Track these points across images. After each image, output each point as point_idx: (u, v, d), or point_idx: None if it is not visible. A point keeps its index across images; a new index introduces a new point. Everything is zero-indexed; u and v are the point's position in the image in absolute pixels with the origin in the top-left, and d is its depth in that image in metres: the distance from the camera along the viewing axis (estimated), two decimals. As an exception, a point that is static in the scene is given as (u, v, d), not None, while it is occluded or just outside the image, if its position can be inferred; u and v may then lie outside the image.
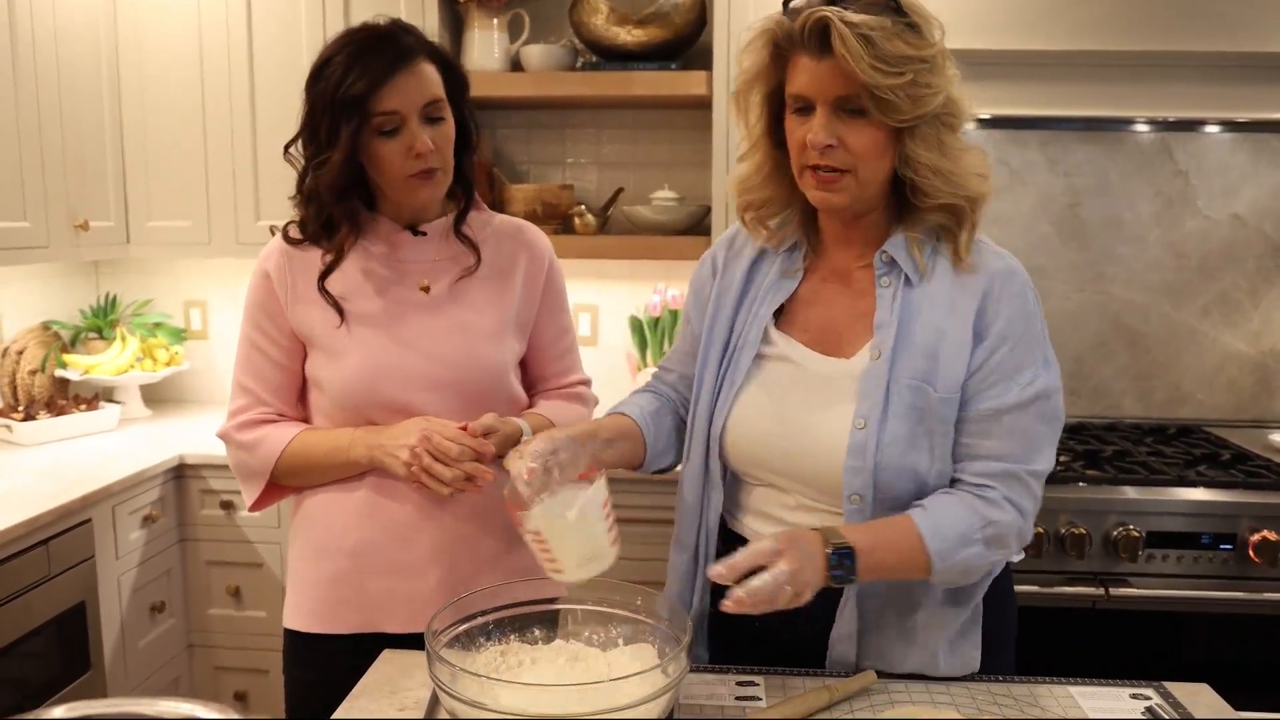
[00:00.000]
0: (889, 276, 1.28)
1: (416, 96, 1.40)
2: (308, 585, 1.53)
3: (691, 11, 2.61)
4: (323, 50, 1.44)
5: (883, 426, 1.23)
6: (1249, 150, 2.75)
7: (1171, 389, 2.84)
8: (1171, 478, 2.27)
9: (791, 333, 1.33)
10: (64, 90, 2.50)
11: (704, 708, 1.19)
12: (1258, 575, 2.16)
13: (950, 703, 1.20)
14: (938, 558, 1.18)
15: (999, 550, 1.23)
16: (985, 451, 1.24)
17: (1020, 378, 1.24)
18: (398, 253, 1.51)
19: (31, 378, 2.78)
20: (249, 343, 1.53)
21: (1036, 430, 1.24)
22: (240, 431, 1.51)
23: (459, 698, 1.03)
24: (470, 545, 1.51)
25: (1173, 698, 1.22)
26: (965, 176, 1.23)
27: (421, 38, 1.46)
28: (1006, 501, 1.22)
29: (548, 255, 1.62)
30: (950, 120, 1.22)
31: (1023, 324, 1.25)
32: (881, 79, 1.15)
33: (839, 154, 1.21)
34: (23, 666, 2.01)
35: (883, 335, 1.25)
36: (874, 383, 1.24)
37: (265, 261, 1.51)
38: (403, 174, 1.43)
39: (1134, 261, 2.81)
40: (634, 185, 2.90)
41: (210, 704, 0.58)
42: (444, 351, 1.49)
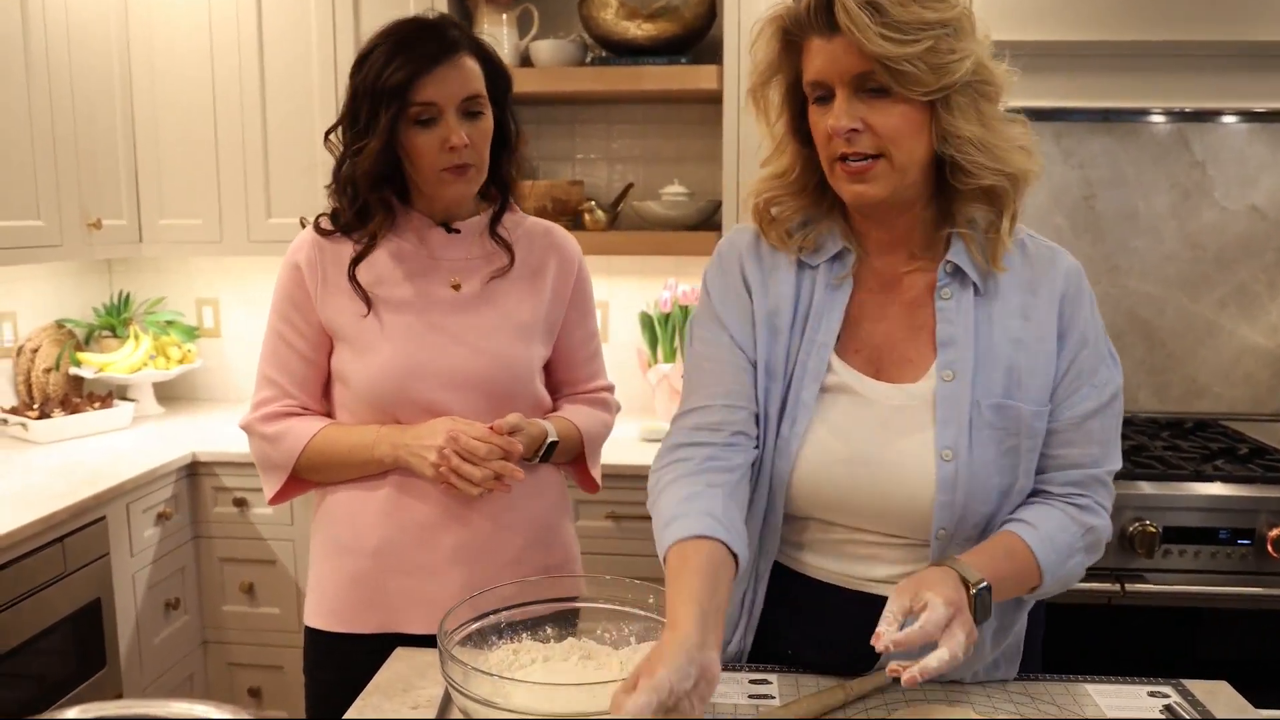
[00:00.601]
0: (951, 287, 1.18)
1: (456, 89, 1.40)
2: (329, 585, 1.53)
3: (701, 5, 2.60)
4: (369, 39, 1.45)
5: (971, 455, 1.14)
6: (1267, 141, 2.72)
7: (1188, 382, 2.82)
8: (1188, 472, 2.25)
9: (846, 356, 1.21)
10: (76, 89, 2.51)
11: (717, 706, 1.18)
12: (1276, 570, 2.13)
13: (967, 702, 1.19)
14: (1048, 573, 1.15)
15: (1095, 556, 1.22)
16: (1071, 460, 1.20)
17: (1097, 379, 1.20)
18: (430, 249, 1.51)
19: (46, 376, 2.79)
20: (276, 335, 1.52)
21: (1113, 430, 1.23)
22: (264, 424, 1.50)
23: (471, 696, 1.02)
24: (492, 546, 1.50)
25: (1191, 695, 1.21)
26: (1009, 150, 1.13)
27: (468, 33, 1.46)
28: (1099, 506, 1.21)
29: (577, 259, 1.62)
30: (985, 89, 1.11)
31: (1095, 322, 1.22)
32: (894, 49, 1.05)
33: (866, 138, 1.10)
34: (40, 663, 2.02)
35: (954, 354, 1.16)
36: (953, 408, 1.15)
37: (296, 253, 1.51)
38: (436, 167, 1.43)
39: (1150, 254, 2.79)
40: (644, 180, 2.90)
41: (223, 705, 0.57)
42: (472, 351, 1.48)
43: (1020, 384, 1.17)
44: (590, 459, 1.64)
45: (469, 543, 1.49)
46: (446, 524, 1.48)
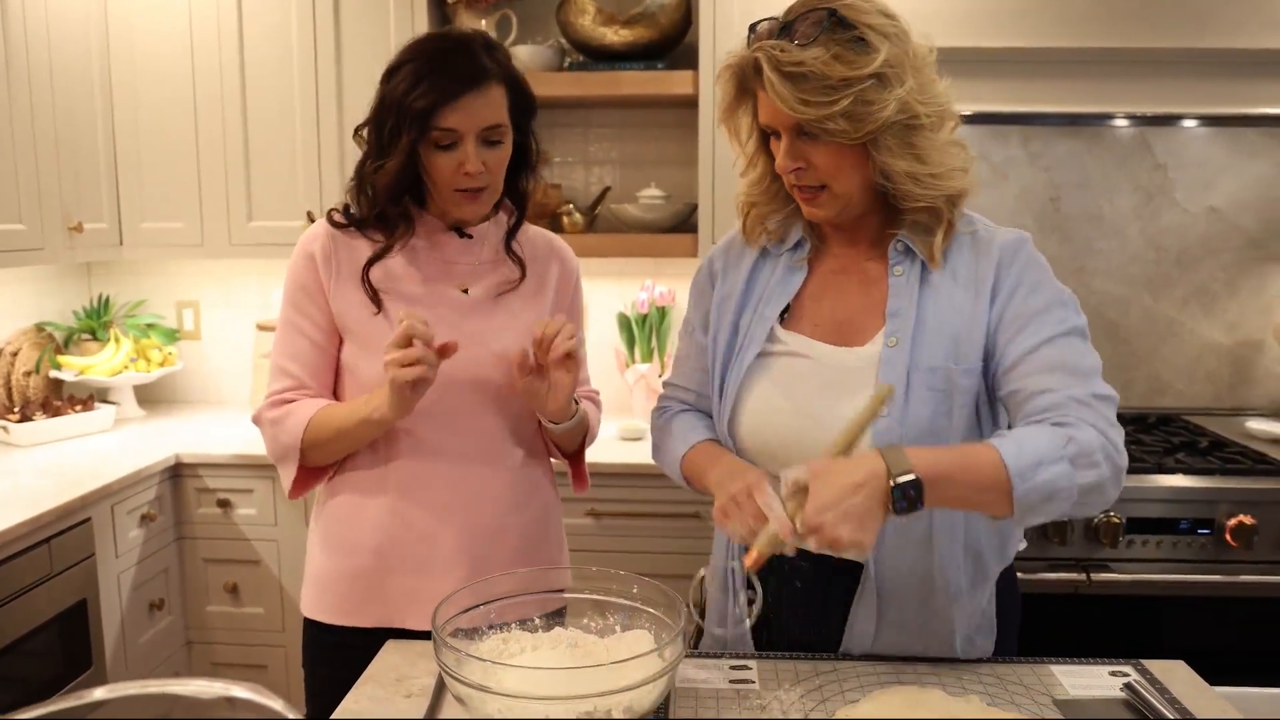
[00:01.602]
0: (904, 265, 1.30)
1: (477, 120, 1.42)
2: (329, 579, 1.55)
3: (677, 12, 2.65)
4: (401, 50, 1.47)
5: (905, 412, 1.24)
6: (1225, 144, 2.81)
7: (1152, 379, 2.90)
8: (1151, 465, 2.32)
9: (800, 328, 1.34)
10: (57, 93, 2.52)
11: (699, 691, 1.23)
12: (1234, 559, 2.22)
13: (938, 683, 1.25)
14: (1018, 477, 1.10)
15: (1088, 470, 1.13)
16: (1038, 387, 1.20)
17: (1050, 316, 1.23)
18: (441, 252, 1.54)
19: (26, 379, 2.80)
20: (289, 325, 1.54)
21: (1083, 360, 1.21)
22: (270, 409, 1.51)
23: (465, 681, 1.07)
24: (492, 544, 1.53)
25: (1150, 674, 1.27)
26: (944, 176, 1.24)
27: (499, 58, 1.46)
28: (1081, 422, 1.15)
29: (576, 270, 1.67)
30: (916, 123, 1.22)
31: (1037, 275, 1.26)
32: (813, 111, 1.18)
33: (809, 174, 1.25)
34: (26, 664, 2.03)
35: (899, 323, 1.27)
36: (893, 368, 1.25)
37: (310, 244, 1.53)
38: (450, 186, 1.46)
39: (1114, 254, 2.87)
40: (621, 184, 2.94)
41: (240, 683, 0.61)
42: (478, 353, 1.51)
43: (959, 349, 1.26)
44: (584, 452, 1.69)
45: (469, 542, 1.52)
46: (447, 525, 1.51)
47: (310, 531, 1.61)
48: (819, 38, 1.18)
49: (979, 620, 1.34)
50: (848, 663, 1.31)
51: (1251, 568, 2.21)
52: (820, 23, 1.18)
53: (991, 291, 1.26)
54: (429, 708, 1.18)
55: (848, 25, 1.18)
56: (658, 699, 1.12)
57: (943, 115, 1.25)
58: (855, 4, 1.21)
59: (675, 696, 1.21)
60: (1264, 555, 2.21)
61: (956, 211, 1.29)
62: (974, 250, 1.29)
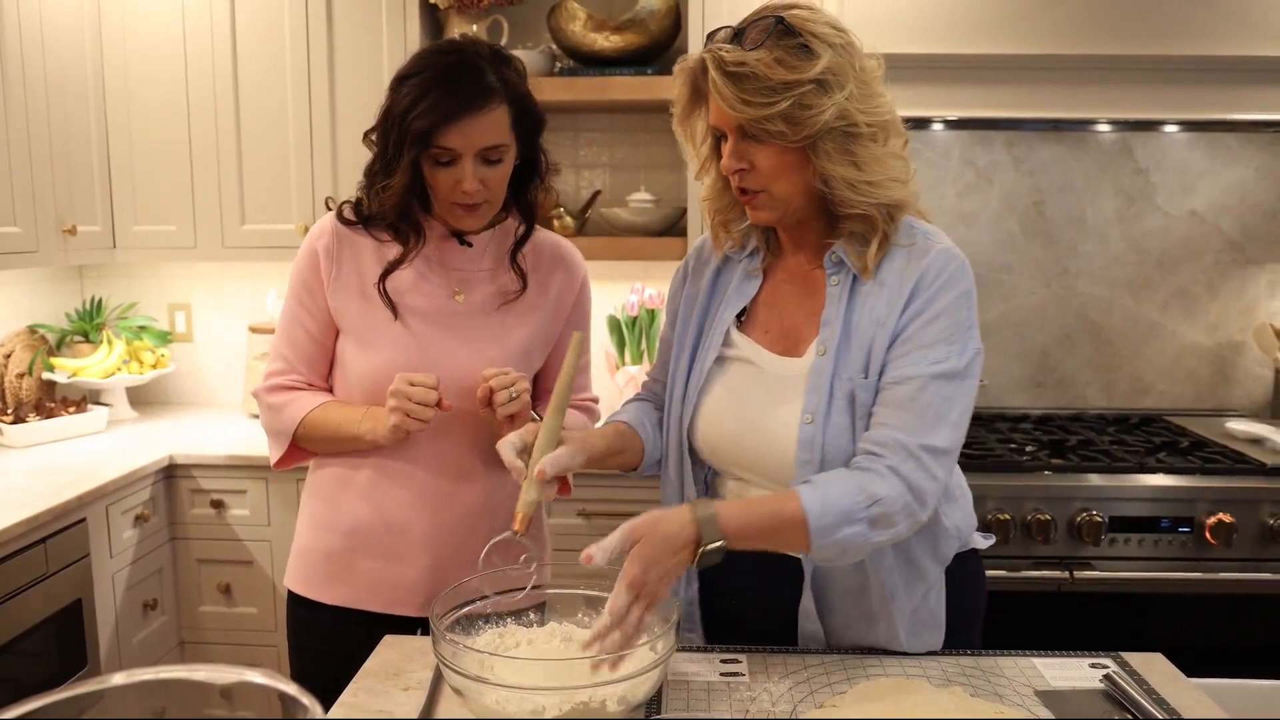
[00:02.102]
0: (839, 274, 1.33)
1: (476, 140, 1.43)
2: (307, 553, 1.62)
3: (667, 18, 2.68)
4: (412, 58, 1.49)
5: (828, 420, 1.29)
6: (1205, 149, 2.86)
7: (1133, 380, 2.95)
8: (1133, 465, 2.37)
9: (753, 334, 1.40)
10: (51, 97, 2.54)
11: (691, 684, 1.26)
12: (1214, 556, 2.26)
13: (922, 675, 1.28)
14: (816, 534, 1.18)
15: (884, 530, 1.21)
16: (881, 419, 1.26)
17: (932, 353, 1.25)
18: (442, 257, 1.57)
19: (19, 381, 2.81)
20: (290, 313, 1.59)
21: (936, 406, 1.24)
22: (270, 394, 1.58)
23: (462, 673, 1.09)
24: (460, 538, 1.57)
25: (1129, 666, 1.31)
26: (881, 185, 1.27)
27: (507, 75, 1.47)
28: (891, 473, 1.21)
29: (582, 277, 1.68)
30: (855, 131, 1.25)
31: (946, 302, 1.27)
32: (753, 111, 1.22)
33: (751, 176, 1.29)
34: (22, 663, 2.05)
35: (828, 332, 1.31)
36: (819, 378, 1.30)
37: (317, 240, 1.56)
38: (448, 200, 1.49)
39: (1097, 257, 2.91)
40: (611, 188, 2.98)
41: (255, 668, 0.64)
42: (470, 359, 1.53)
43: (871, 359, 1.29)
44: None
45: (438, 532, 1.56)
46: (420, 513, 1.55)
47: (301, 503, 1.67)
48: (765, 42, 1.22)
49: (925, 616, 1.37)
50: (835, 656, 1.34)
51: (1230, 565, 2.25)
52: (768, 29, 1.23)
53: (903, 306, 1.28)
54: (426, 700, 1.21)
55: (793, 32, 1.23)
56: (650, 691, 1.15)
57: (886, 128, 1.28)
58: (803, 14, 1.25)
59: (667, 689, 1.24)
60: (1242, 553, 2.26)
61: (893, 225, 1.31)
62: (905, 262, 1.30)
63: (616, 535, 1.17)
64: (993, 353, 2.93)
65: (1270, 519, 2.25)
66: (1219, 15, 2.50)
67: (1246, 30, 2.48)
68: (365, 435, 1.51)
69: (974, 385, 1.29)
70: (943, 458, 1.25)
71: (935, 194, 2.89)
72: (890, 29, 2.50)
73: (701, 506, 1.20)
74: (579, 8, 2.70)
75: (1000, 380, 2.94)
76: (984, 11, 2.52)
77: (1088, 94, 2.63)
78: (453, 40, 1.56)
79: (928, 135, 2.86)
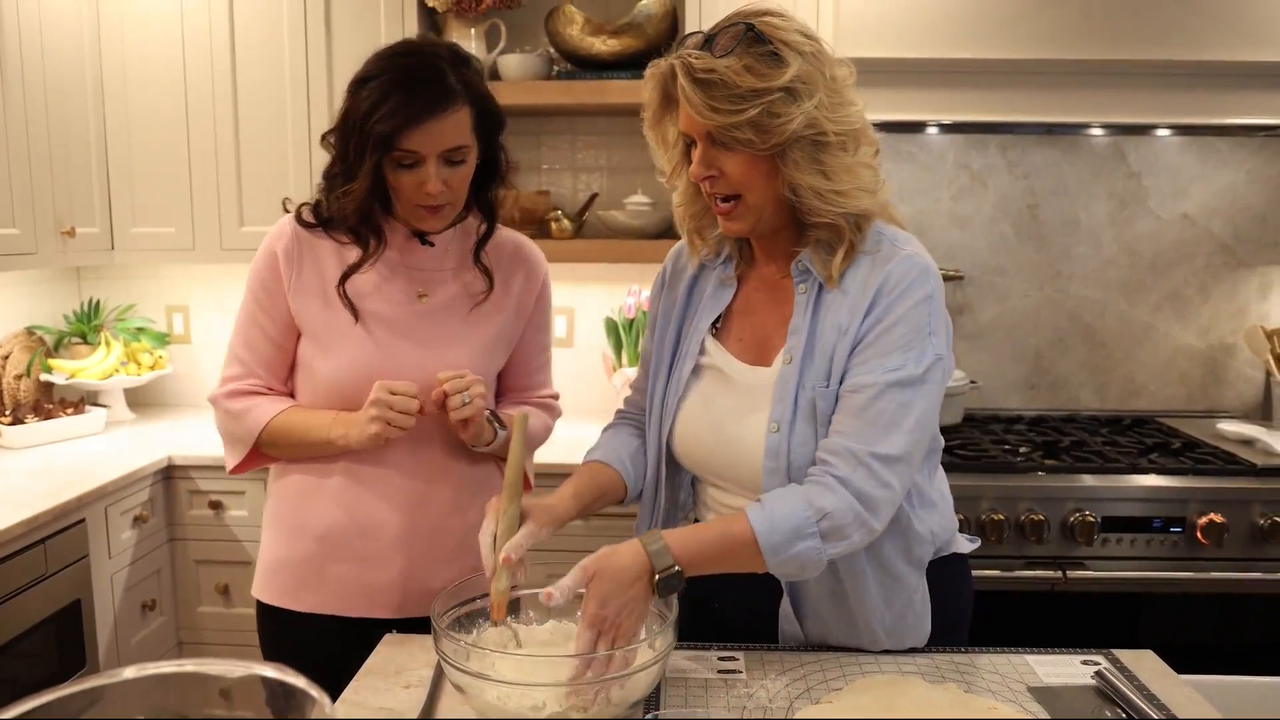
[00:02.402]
0: (805, 283, 1.33)
1: (439, 142, 1.43)
2: (276, 562, 1.60)
3: (664, 22, 2.70)
4: (370, 60, 1.47)
5: (793, 429, 1.29)
6: (1197, 153, 2.88)
7: (1126, 382, 2.97)
8: (1125, 466, 2.39)
9: (727, 343, 1.40)
10: (50, 99, 2.55)
11: (689, 681, 1.28)
12: (1205, 556, 2.28)
13: (916, 672, 1.30)
14: (769, 553, 1.20)
15: (838, 543, 1.22)
16: (835, 427, 1.26)
17: (889, 361, 1.25)
18: (404, 258, 1.57)
19: (17, 382, 2.82)
20: (248, 316, 1.57)
21: (889, 414, 1.24)
22: (230, 399, 1.56)
23: (464, 670, 1.11)
24: (431, 538, 1.57)
25: (1120, 663, 1.33)
26: (849, 194, 1.26)
27: (467, 76, 1.46)
28: (839, 483, 1.22)
29: (543, 275, 1.68)
30: (823, 140, 1.24)
31: (904, 309, 1.26)
32: (721, 119, 1.22)
33: (722, 183, 1.28)
34: (21, 664, 2.06)
35: (795, 340, 1.31)
36: (785, 387, 1.30)
37: (276, 242, 1.55)
38: (411, 202, 1.49)
39: (1090, 260, 2.94)
40: (608, 190, 2.99)
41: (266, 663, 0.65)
42: (435, 358, 1.54)
43: (833, 367, 1.29)
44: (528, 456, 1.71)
45: (411, 534, 1.56)
46: (392, 515, 1.55)
47: (265, 513, 1.65)
48: (735, 49, 1.21)
49: (909, 619, 1.38)
50: (831, 653, 1.36)
51: (1221, 565, 2.27)
52: (738, 36, 1.22)
53: (864, 314, 1.28)
54: (427, 697, 1.22)
55: (763, 40, 1.22)
56: (649, 687, 1.17)
57: (856, 137, 1.27)
58: (774, 21, 1.25)
59: (665, 685, 1.26)
60: (1233, 553, 2.28)
61: (860, 234, 1.31)
62: (869, 269, 1.30)
63: (572, 574, 1.18)
64: (986, 355, 2.95)
65: (1261, 519, 2.27)
66: (1210, 21, 2.53)
67: (1237, 36, 2.50)
68: (338, 441, 1.50)
69: (934, 390, 1.27)
70: (895, 465, 1.23)
71: (930, 197, 2.91)
72: (885, 34, 2.52)
73: (650, 539, 1.21)
74: (576, 11, 2.71)
75: (994, 382, 2.97)
76: (978, 17, 2.55)
77: (1081, 98, 2.66)
78: (411, 41, 1.53)
79: (922, 139, 2.88)
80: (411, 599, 1.56)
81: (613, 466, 1.46)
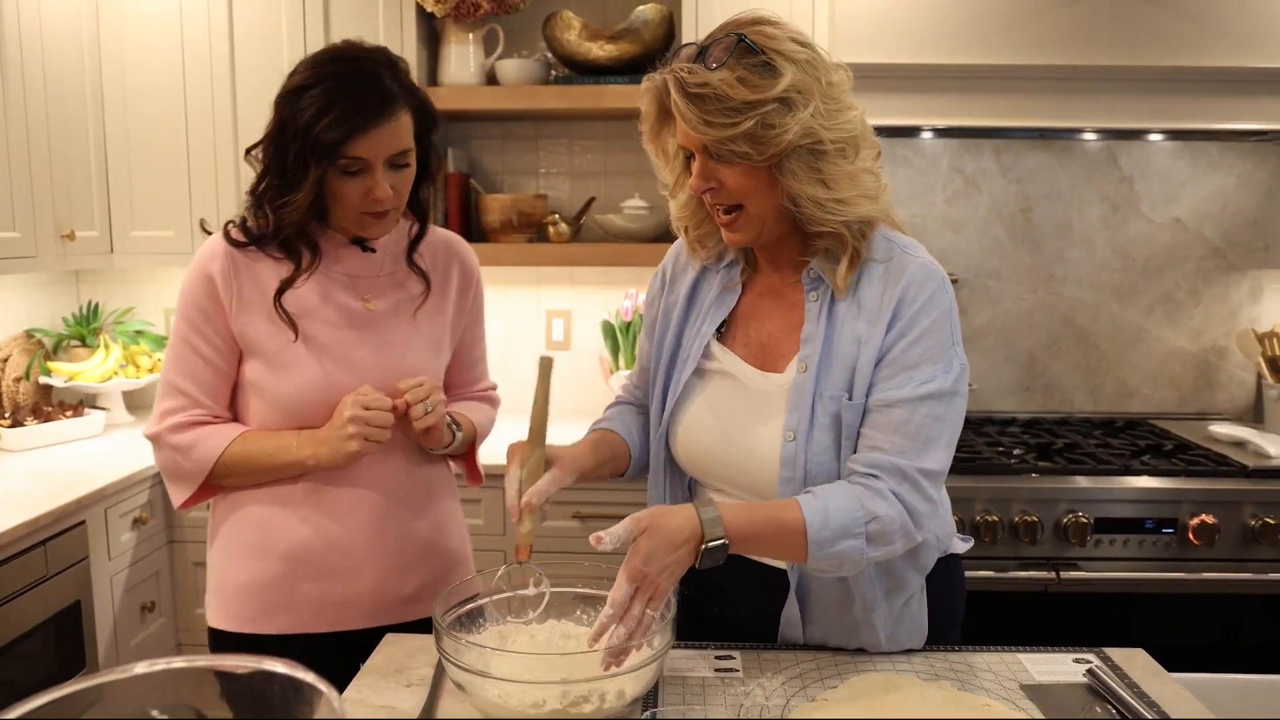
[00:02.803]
0: (817, 291, 1.33)
1: (386, 148, 1.42)
2: (237, 588, 1.54)
3: (660, 28, 2.72)
4: (301, 69, 1.44)
5: (810, 438, 1.29)
6: (1188, 157, 2.91)
7: (1119, 384, 3.00)
8: (1118, 467, 2.41)
9: (734, 347, 1.40)
10: (50, 103, 2.56)
11: (686, 680, 1.29)
12: (1197, 556, 2.30)
13: (910, 670, 1.32)
14: (815, 545, 1.20)
15: (880, 548, 1.24)
16: (873, 442, 1.27)
17: (919, 374, 1.26)
18: (344, 266, 1.54)
19: (16, 385, 2.83)
20: (185, 343, 1.50)
21: (928, 429, 1.25)
22: (174, 433, 1.49)
23: (464, 668, 1.12)
24: (399, 546, 1.56)
25: (1111, 661, 1.35)
26: (849, 202, 1.26)
27: (403, 79, 1.46)
28: (893, 495, 1.23)
29: (476, 270, 1.67)
30: (820, 148, 1.23)
31: (929, 321, 1.27)
32: (716, 133, 1.21)
33: (723, 194, 1.28)
34: (22, 665, 2.07)
35: (809, 349, 1.31)
36: (801, 395, 1.30)
37: (208, 264, 1.49)
38: (357, 210, 1.45)
39: (1083, 263, 2.96)
40: (605, 194, 3.01)
41: (275, 659, 0.67)
42: (388, 366, 1.52)
43: (855, 379, 1.29)
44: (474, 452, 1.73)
45: (378, 545, 1.54)
46: (357, 529, 1.52)
47: (213, 541, 1.60)
48: (727, 61, 1.20)
49: (907, 622, 1.40)
50: (827, 653, 1.37)
51: (1213, 565, 2.30)
52: (730, 47, 1.21)
53: (888, 325, 1.28)
54: (428, 696, 1.24)
55: (756, 50, 1.21)
56: (648, 685, 1.19)
57: (855, 142, 1.27)
58: (766, 30, 1.24)
59: (663, 684, 1.27)
60: (1225, 553, 2.30)
61: (864, 241, 1.30)
62: (884, 280, 1.30)
63: (625, 523, 1.19)
64: (981, 357, 2.98)
65: (1251, 520, 2.29)
66: (1201, 28, 2.55)
67: (1227, 43, 2.53)
68: (308, 461, 1.47)
69: (962, 402, 1.30)
70: (936, 479, 1.27)
71: (924, 201, 2.93)
72: (881, 39, 2.55)
73: (706, 507, 1.21)
74: (574, 17, 2.73)
75: (989, 384, 2.99)
76: (973, 23, 2.57)
77: (1073, 103, 2.68)
78: (342, 46, 1.48)
79: (917, 143, 2.90)
80: (382, 608, 1.55)
81: (622, 437, 1.49)
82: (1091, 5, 2.52)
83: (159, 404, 1.52)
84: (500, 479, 2.66)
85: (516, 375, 3.15)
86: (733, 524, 1.21)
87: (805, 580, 1.38)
